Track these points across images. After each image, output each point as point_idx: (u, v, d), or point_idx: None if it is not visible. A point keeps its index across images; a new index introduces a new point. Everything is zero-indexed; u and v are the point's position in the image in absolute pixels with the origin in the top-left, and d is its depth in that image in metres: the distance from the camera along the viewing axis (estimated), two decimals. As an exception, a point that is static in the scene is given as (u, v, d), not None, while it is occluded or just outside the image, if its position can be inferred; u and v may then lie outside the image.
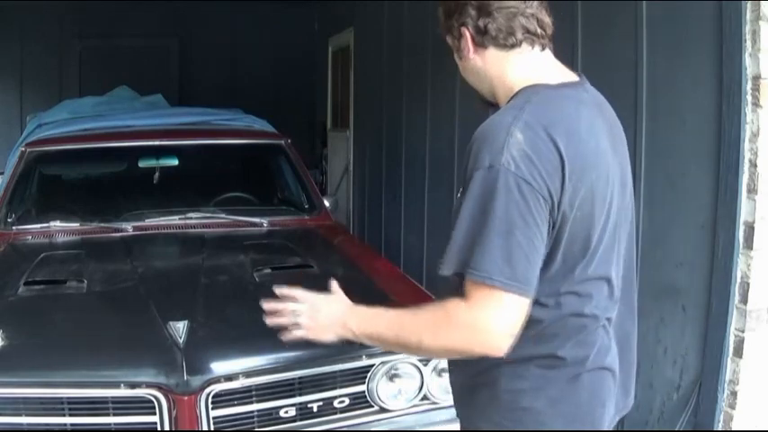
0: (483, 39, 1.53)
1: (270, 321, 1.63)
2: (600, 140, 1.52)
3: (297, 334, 1.61)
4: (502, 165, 1.37)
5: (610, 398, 1.59)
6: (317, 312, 1.59)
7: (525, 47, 1.53)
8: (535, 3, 1.52)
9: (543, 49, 1.56)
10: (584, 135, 1.48)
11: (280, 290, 1.64)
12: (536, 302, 1.44)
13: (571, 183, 1.43)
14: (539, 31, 1.53)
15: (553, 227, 1.44)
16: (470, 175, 1.42)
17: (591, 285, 1.52)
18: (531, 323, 1.44)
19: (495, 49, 1.53)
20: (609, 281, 1.56)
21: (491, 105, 1.63)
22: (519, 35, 1.51)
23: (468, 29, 1.53)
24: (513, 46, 1.52)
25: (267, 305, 1.63)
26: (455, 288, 1.48)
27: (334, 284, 1.64)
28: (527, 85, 1.52)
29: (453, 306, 1.42)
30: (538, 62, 1.55)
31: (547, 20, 1.54)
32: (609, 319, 1.58)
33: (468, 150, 1.45)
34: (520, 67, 1.54)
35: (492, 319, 1.39)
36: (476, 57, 1.56)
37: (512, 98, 1.52)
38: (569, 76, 1.59)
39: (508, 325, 1.39)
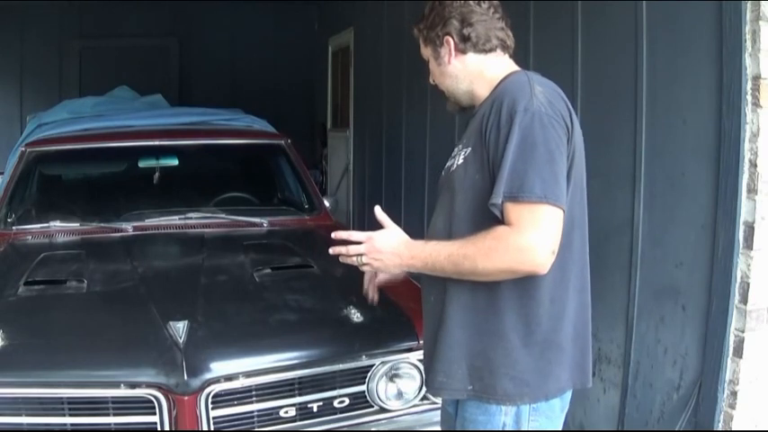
0: (465, 45, 1.83)
1: (342, 260, 1.83)
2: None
3: (366, 269, 1.86)
4: (535, 108, 1.66)
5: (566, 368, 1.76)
6: (378, 252, 1.78)
7: (499, 51, 1.85)
8: (503, 20, 1.85)
9: (510, 57, 1.88)
10: (570, 108, 1.76)
11: (337, 233, 1.83)
12: None
13: (574, 137, 1.71)
14: (507, 41, 1.86)
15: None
16: (506, 120, 1.66)
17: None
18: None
19: (474, 54, 1.84)
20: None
21: (463, 110, 1.91)
22: (494, 42, 1.83)
23: (452, 37, 1.83)
24: (490, 50, 1.84)
25: (333, 250, 1.84)
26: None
27: (386, 220, 1.82)
28: (511, 71, 1.82)
29: (503, 231, 1.63)
30: (509, 63, 1.87)
31: (511, 35, 1.86)
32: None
33: (498, 106, 1.70)
34: (496, 65, 1.85)
35: (539, 239, 1.61)
36: (456, 61, 1.85)
37: (499, 83, 1.79)
38: None
39: (552, 242, 1.62)
